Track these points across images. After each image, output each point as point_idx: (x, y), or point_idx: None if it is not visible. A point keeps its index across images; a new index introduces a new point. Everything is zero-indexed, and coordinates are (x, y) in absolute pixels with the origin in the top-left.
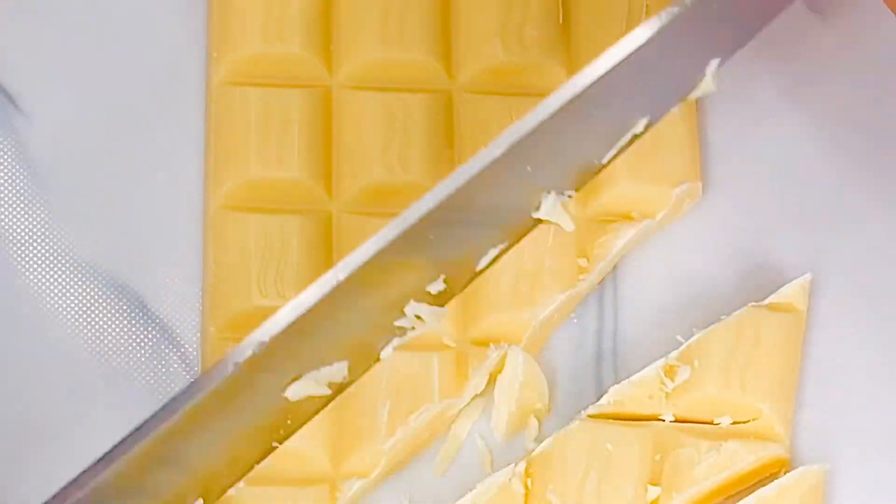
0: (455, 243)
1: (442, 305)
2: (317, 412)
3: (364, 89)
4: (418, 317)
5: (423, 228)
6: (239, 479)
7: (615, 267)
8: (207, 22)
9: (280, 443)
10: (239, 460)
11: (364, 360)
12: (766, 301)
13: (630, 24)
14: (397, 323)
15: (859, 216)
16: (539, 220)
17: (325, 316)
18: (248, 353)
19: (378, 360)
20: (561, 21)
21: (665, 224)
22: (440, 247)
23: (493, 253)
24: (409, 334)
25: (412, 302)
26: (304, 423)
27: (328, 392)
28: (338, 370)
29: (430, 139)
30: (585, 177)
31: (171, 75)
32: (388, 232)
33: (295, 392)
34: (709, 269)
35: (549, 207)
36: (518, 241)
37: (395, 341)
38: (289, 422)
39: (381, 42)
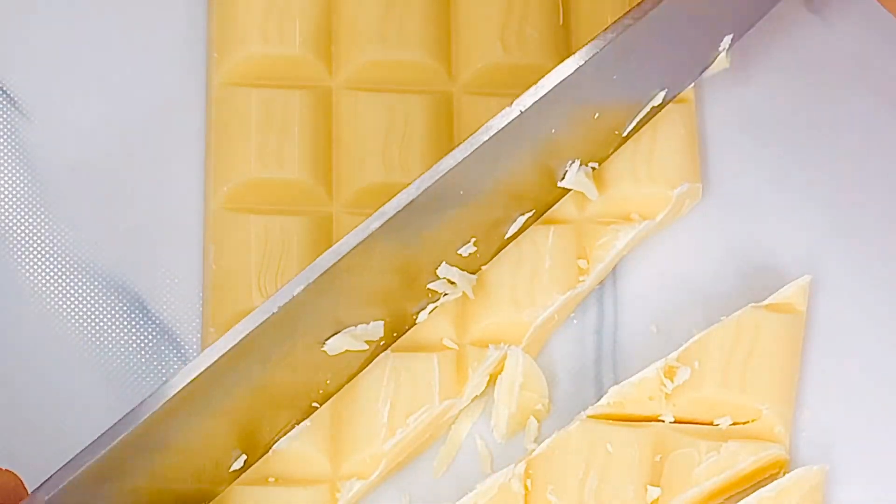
0: (484, 204)
1: (472, 272)
2: (351, 377)
3: (364, 90)
4: (450, 281)
5: (453, 182)
6: (280, 437)
7: (615, 268)
8: (208, 23)
9: (320, 404)
10: (280, 415)
11: (400, 321)
12: (766, 302)
13: None
14: (430, 286)
15: (859, 217)
16: (564, 190)
17: (359, 267)
18: (287, 298)
19: (414, 323)
20: (561, 22)
21: (665, 225)
22: (470, 205)
23: (520, 220)
24: (442, 300)
25: (444, 264)
26: (342, 385)
27: (365, 348)
28: (374, 329)
29: (430, 139)
30: (608, 148)
31: (172, 76)
32: (419, 183)
33: (333, 346)
34: (709, 270)
35: (574, 176)
36: (545, 210)
37: (430, 306)
38: (328, 382)
39: (382, 43)
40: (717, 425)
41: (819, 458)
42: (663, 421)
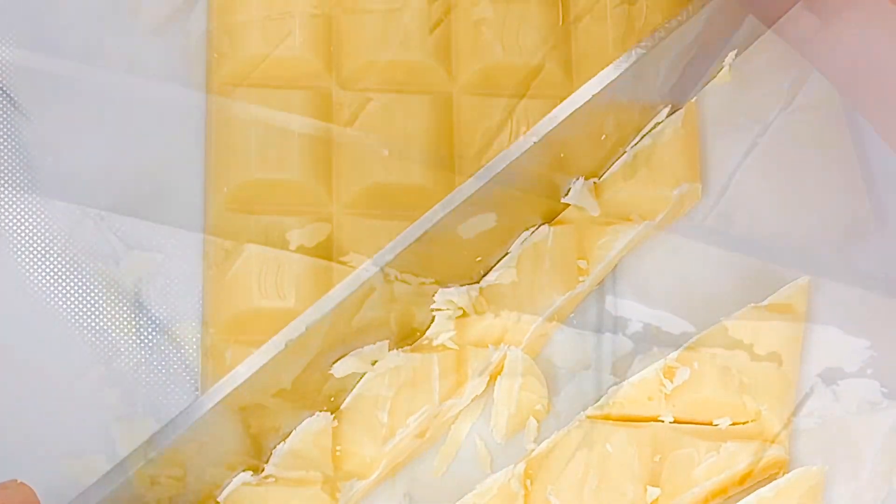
0: (493, 224)
1: (475, 283)
2: (348, 392)
3: (364, 90)
4: (451, 301)
5: (461, 210)
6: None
7: (615, 268)
8: (208, 23)
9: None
10: (282, 432)
11: (404, 338)
12: (766, 302)
13: (629, 27)
14: (434, 306)
15: (858, 217)
16: (566, 205)
17: (366, 295)
18: (302, 329)
19: (417, 338)
20: (561, 22)
21: (665, 225)
22: (479, 228)
23: (524, 235)
24: (446, 313)
25: (441, 289)
26: (342, 401)
27: (371, 368)
28: (379, 349)
29: (430, 139)
30: (610, 162)
31: (172, 76)
32: (433, 213)
33: (340, 369)
34: (708, 270)
35: (578, 192)
36: (548, 222)
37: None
38: (332, 399)
39: (382, 43)
40: (717, 425)
41: (819, 458)
42: (663, 421)
